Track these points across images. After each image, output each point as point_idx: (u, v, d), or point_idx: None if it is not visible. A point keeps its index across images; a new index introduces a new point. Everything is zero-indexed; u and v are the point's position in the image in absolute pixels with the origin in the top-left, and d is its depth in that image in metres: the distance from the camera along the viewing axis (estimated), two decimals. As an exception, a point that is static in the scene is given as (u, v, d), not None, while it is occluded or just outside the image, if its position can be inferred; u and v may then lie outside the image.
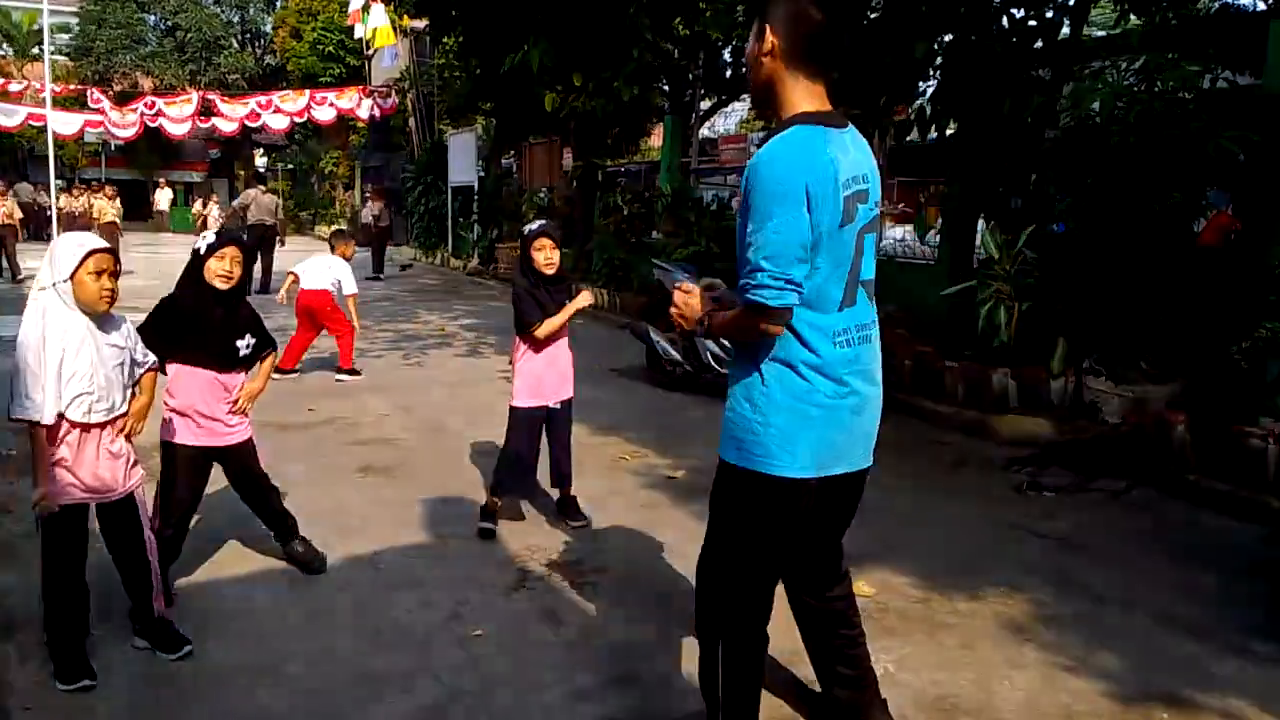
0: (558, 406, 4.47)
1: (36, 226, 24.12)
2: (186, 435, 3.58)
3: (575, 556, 4.17)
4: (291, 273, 8.12)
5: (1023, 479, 5.43)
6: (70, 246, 2.91)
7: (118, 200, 19.13)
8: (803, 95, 2.26)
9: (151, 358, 3.22)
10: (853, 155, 2.24)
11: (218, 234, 3.62)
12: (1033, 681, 3.18)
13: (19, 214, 16.15)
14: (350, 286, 8.06)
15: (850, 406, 2.30)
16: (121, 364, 3.05)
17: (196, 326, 3.52)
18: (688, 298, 2.42)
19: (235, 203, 15.95)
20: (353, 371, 8.12)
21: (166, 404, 3.57)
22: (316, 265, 8.01)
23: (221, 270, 3.50)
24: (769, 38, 2.24)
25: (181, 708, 2.92)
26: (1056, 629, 3.57)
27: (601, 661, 3.25)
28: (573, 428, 4.59)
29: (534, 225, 4.37)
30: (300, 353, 8.11)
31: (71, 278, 2.88)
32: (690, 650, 3.34)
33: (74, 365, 2.89)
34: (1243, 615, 3.72)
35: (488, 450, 5.79)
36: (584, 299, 4.41)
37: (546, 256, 4.28)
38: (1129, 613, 3.74)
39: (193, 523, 4.49)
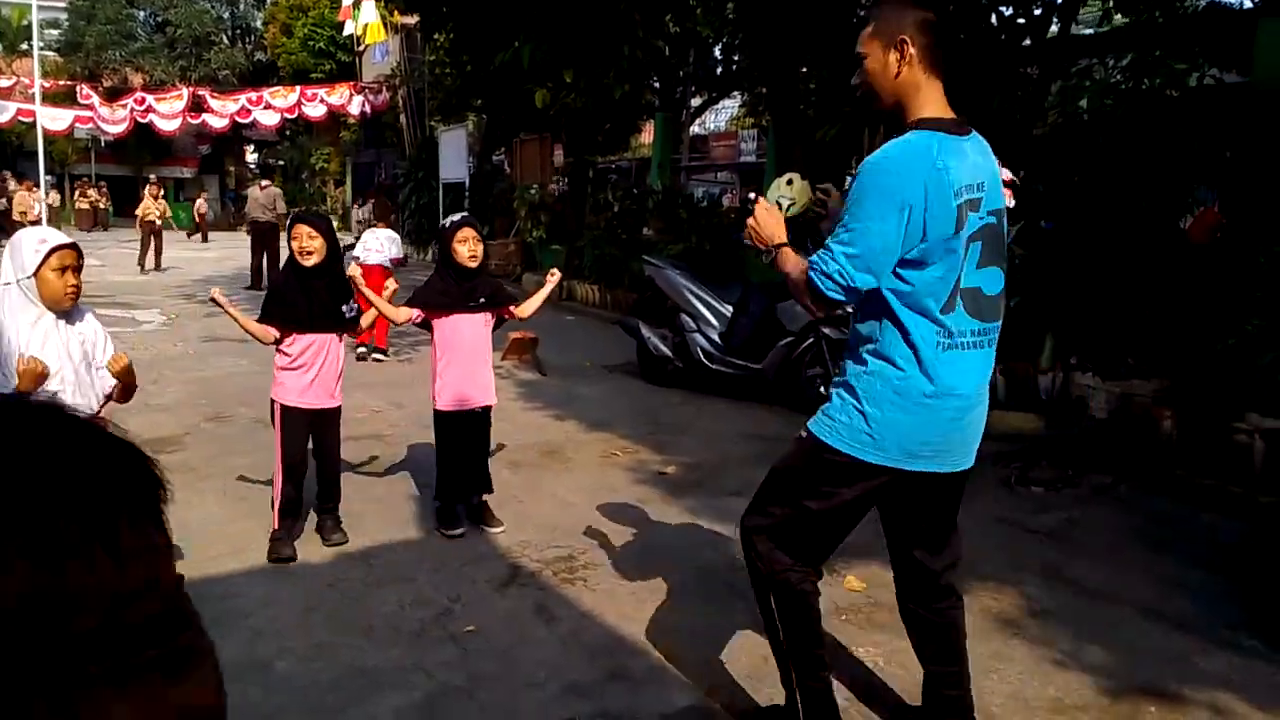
0: (479, 410, 4.35)
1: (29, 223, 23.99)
2: (294, 397, 4.03)
3: (567, 553, 4.18)
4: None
5: (1011, 474, 5.45)
6: (32, 243, 2.90)
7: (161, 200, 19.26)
8: (930, 101, 2.33)
9: (109, 380, 3.14)
10: (970, 160, 2.29)
11: (291, 217, 4.07)
12: (1021, 675, 3.20)
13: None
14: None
15: (951, 409, 2.34)
16: (89, 360, 3.03)
17: (297, 299, 3.95)
18: (767, 215, 2.50)
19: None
20: (383, 351, 8.93)
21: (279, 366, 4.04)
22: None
23: (298, 249, 3.94)
24: (909, 48, 2.29)
25: (173, 704, 2.92)
26: (1045, 623, 3.59)
27: (594, 657, 3.26)
28: (564, 424, 4.60)
29: (456, 216, 4.31)
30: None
31: (35, 274, 2.87)
32: (682, 645, 3.35)
33: (44, 356, 2.85)
34: (1229, 609, 3.74)
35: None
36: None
37: (470, 249, 4.16)
38: (1117, 607, 3.77)
39: (184, 521, 4.50)
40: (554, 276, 4.44)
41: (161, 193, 19.88)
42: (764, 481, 2.62)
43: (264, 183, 15.63)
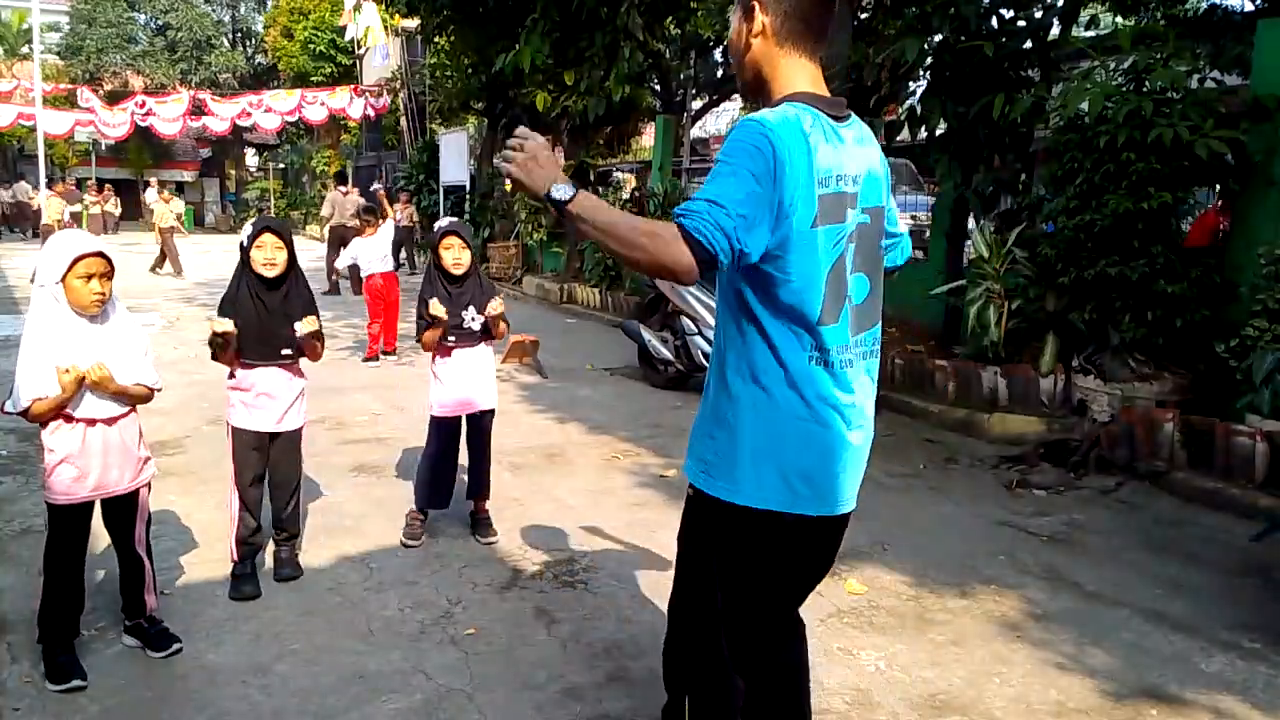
0: (476, 415, 4.33)
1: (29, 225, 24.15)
2: (244, 419, 3.72)
3: (567, 555, 4.18)
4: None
5: (1013, 477, 5.45)
6: (60, 249, 2.88)
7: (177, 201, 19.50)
8: (797, 76, 2.01)
9: (152, 378, 3.14)
10: (848, 151, 1.97)
11: (254, 223, 3.73)
12: (1023, 678, 3.19)
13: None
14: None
15: (829, 434, 1.99)
16: (127, 357, 3.02)
17: (246, 316, 3.61)
18: (543, 150, 1.93)
19: (323, 213, 16.36)
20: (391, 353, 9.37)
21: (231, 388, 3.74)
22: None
23: (263, 259, 3.60)
24: (758, 17, 2.01)
25: (172, 708, 2.91)
26: (1047, 626, 3.58)
27: (594, 660, 3.26)
28: (565, 427, 4.58)
29: (443, 223, 4.28)
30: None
31: (61, 280, 2.86)
32: (682, 648, 3.35)
33: (73, 360, 2.87)
34: (1231, 611, 3.74)
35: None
36: (496, 305, 4.19)
37: (454, 256, 4.18)
38: (1119, 609, 3.76)
39: (184, 524, 4.48)
40: (498, 308, 4.25)
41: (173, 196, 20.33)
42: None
43: (344, 188, 15.81)
